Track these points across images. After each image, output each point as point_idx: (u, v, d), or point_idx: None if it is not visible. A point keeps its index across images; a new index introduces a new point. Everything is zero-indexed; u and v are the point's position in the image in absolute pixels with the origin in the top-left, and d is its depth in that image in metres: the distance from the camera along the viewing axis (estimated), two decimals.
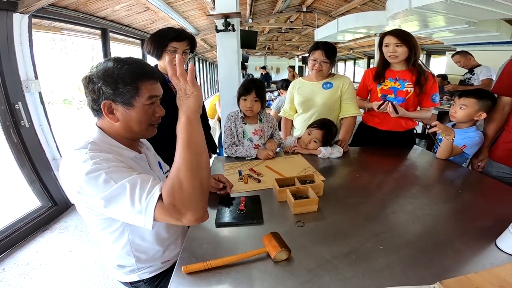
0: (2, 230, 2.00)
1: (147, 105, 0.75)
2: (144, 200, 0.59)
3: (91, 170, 0.63)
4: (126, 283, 0.93)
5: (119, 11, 3.02)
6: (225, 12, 1.98)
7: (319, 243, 0.76)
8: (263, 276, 0.65)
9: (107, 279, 1.71)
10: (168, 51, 1.32)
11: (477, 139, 1.36)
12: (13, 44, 2.01)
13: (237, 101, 1.51)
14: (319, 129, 1.51)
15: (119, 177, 0.63)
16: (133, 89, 0.72)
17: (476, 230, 0.82)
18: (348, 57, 10.50)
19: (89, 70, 0.74)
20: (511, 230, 0.72)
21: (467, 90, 1.45)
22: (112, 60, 0.73)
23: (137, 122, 0.76)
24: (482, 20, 2.68)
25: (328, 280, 0.63)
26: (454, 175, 1.30)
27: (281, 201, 1.01)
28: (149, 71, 0.75)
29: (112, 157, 0.69)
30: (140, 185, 0.61)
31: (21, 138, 2.16)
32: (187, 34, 1.37)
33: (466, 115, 1.37)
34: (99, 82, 0.70)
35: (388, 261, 0.68)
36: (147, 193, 0.60)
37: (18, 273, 1.77)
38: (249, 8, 4.66)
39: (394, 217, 0.90)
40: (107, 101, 0.72)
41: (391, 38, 1.50)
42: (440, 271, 0.65)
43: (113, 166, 0.65)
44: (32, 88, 2.17)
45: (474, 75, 3.16)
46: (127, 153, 0.79)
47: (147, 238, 0.85)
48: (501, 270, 0.64)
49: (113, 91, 0.71)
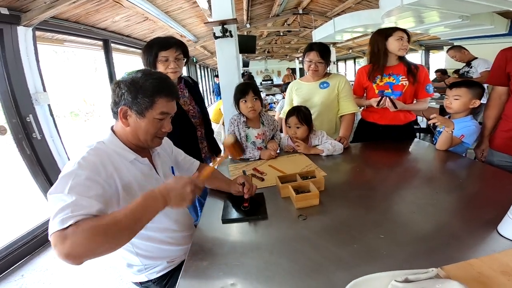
0: (21, 238, 2.07)
1: (157, 119, 0.82)
2: (59, 219, 0.59)
3: (70, 170, 0.68)
4: (137, 283, 0.97)
5: (119, 21, 3.11)
6: (222, 19, 2.04)
7: (322, 234, 0.79)
8: (268, 267, 0.68)
9: (122, 282, 1.75)
10: (160, 61, 1.32)
11: (474, 128, 1.39)
12: (20, 58, 2.08)
13: (237, 106, 1.56)
14: (291, 116, 1.56)
15: (75, 189, 0.65)
16: (149, 102, 0.79)
17: (478, 218, 0.83)
18: (348, 57, 10.54)
19: (121, 76, 0.83)
20: (510, 216, 0.72)
21: (456, 82, 1.49)
22: (141, 71, 0.83)
23: (144, 131, 0.82)
24: (474, 14, 2.70)
25: (332, 269, 0.65)
26: (454, 165, 1.32)
27: (284, 197, 1.04)
28: (168, 89, 0.83)
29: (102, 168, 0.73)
30: (72, 208, 0.61)
31: (33, 149, 2.23)
32: (174, 41, 1.35)
33: (462, 105, 1.40)
34: (124, 88, 0.79)
35: (389, 249, 0.70)
36: (68, 217, 0.60)
37: (37, 279, 1.83)
38: (246, 13, 4.74)
39: (395, 207, 0.93)
40: (124, 107, 0.79)
41: (403, 33, 1.56)
42: (442, 258, 0.65)
43: (84, 179, 0.67)
44: (41, 100, 2.23)
45: (472, 68, 3.18)
46: (128, 154, 0.84)
47: (151, 237, 0.89)
48: (503, 256, 0.64)
49: (132, 99, 0.79)
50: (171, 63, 1.33)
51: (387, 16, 2.85)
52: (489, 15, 2.86)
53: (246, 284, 0.64)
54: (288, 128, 1.59)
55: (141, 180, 0.85)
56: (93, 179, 0.70)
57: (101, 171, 0.73)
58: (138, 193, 0.81)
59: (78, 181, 0.67)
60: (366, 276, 0.57)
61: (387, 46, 1.60)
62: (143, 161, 0.88)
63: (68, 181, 0.66)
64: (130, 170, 0.83)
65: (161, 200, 0.68)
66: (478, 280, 0.57)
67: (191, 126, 1.50)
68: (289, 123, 1.58)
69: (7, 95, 2.06)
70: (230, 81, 2.23)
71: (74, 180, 0.66)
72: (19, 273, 1.88)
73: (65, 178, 0.67)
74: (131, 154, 0.85)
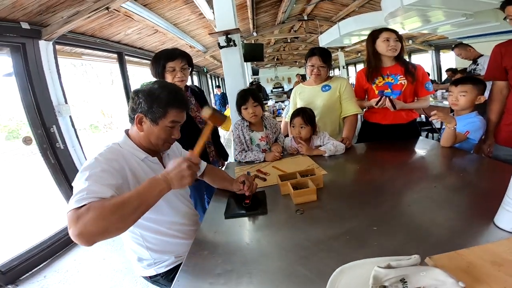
0: (44, 241, 2.21)
1: (168, 127, 0.92)
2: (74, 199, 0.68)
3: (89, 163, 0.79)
4: (146, 277, 1.04)
5: (131, 34, 3.30)
6: (225, 30, 2.14)
7: (317, 226, 0.83)
8: (263, 255, 0.73)
9: (136, 283, 1.83)
10: (168, 71, 1.43)
11: (479, 123, 1.38)
12: (43, 71, 2.26)
13: (239, 112, 1.64)
14: (297, 116, 1.60)
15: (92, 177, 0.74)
16: (162, 112, 0.89)
17: (475, 210, 0.83)
18: (357, 60, 10.46)
19: (140, 85, 0.94)
20: (504, 207, 0.72)
21: (459, 78, 1.48)
22: (158, 83, 0.94)
23: (156, 137, 0.92)
24: (477, 11, 2.66)
25: (322, 256, 0.69)
26: (456, 160, 1.31)
27: (284, 194, 1.09)
28: (180, 102, 0.93)
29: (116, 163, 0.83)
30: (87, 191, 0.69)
31: (57, 159, 2.38)
32: (178, 52, 1.46)
33: (468, 101, 1.39)
34: (142, 98, 0.89)
35: (380, 240, 0.73)
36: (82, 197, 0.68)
37: (58, 280, 1.93)
38: (251, 22, 4.87)
39: (391, 201, 0.94)
40: (141, 114, 0.90)
41: (392, 34, 1.58)
42: (433, 248, 0.65)
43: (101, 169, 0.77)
44: (63, 112, 2.41)
45: (479, 65, 3.13)
46: (140, 153, 0.94)
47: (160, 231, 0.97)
48: (496, 246, 0.63)
49: (148, 108, 0.88)
50: (178, 73, 1.44)
51: (391, 17, 2.87)
52: (494, 12, 2.80)
53: (242, 270, 0.69)
54: (293, 128, 1.64)
55: (151, 175, 0.90)
56: (107, 170, 0.79)
57: (115, 164, 0.82)
58: None
59: (94, 171, 0.76)
60: (351, 263, 0.60)
61: (377, 48, 1.63)
62: (153, 160, 0.97)
63: (86, 172, 0.75)
64: (141, 166, 0.93)
65: (164, 182, 0.74)
66: (466, 270, 0.57)
67: (199, 131, 1.58)
68: (294, 123, 1.63)
69: (32, 107, 2.22)
70: (236, 88, 2.31)
71: (91, 171, 0.76)
72: (42, 274, 1.99)
73: (84, 170, 0.77)
74: (142, 153, 0.94)
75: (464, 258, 0.60)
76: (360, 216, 0.86)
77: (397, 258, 0.57)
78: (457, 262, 0.59)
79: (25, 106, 2.22)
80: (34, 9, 2.01)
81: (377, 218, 0.83)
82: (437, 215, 0.82)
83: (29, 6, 1.95)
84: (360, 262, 0.60)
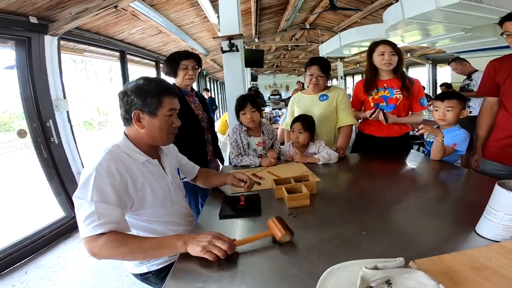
0: (28, 237, 2.16)
1: (167, 116, 0.93)
2: (90, 226, 0.75)
3: (89, 174, 0.80)
4: (136, 275, 1.05)
5: (135, 34, 3.34)
6: (229, 34, 2.20)
7: (308, 229, 0.86)
8: (255, 254, 0.76)
9: (122, 282, 1.81)
10: (181, 69, 1.58)
11: (464, 135, 1.44)
12: (45, 66, 2.27)
13: (237, 117, 1.68)
14: (297, 122, 1.65)
15: (96, 195, 0.78)
16: (157, 102, 0.90)
17: (458, 219, 0.88)
18: (356, 71, 10.63)
19: (124, 87, 0.94)
20: (486, 216, 0.76)
21: (443, 93, 1.53)
22: (142, 78, 0.94)
23: (159, 129, 0.93)
24: (476, 26, 2.73)
25: (313, 258, 0.72)
26: (444, 173, 1.36)
27: (278, 198, 1.11)
28: (170, 88, 0.95)
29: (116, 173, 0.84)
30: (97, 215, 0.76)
31: (51, 153, 2.36)
32: (193, 53, 1.65)
33: (455, 116, 1.45)
34: (132, 95, 0.89)
35: (369, 244, 0.76)
36: (97, 224, 0.75)
37: (40, 276, 1.89)
38: (254, 28, 4.95)
39: (380, 208, 0.98)
40: (137, 111, 0.89)
41: (387, 47, 1.61)
42: (417, 253, 0.68)
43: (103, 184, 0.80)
44: (61, 107, 2.41)
45: (473, 81, 3.19)
46: (140, 156, 0.94)
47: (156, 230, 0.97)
48: (475, 252, 0.67)
49: (142, 102, 0.89)
50: (190, 71, 1.59)
51: (392, 30, 2.94)
52: (492, 27, 2.86)
53: (235, 269, 0.71)
54: (292, 133, 1.68)
55: (152, 180, 0.95)
56: (110, 184, 0.81)
57: (116, 176, 0.83)
58: (148, 192, 0.92)
59: (97, 186, 0.79)
60: (340, 264, 0.63)
61: (373, 61, 1.68)
62: (153, 162, 0.98)
63: (89, 187, 0.78)
64: (142, 171, 0.93)
65: (183, 246, 0.76)
66: (447, 274, 0.60)
67: (201, 129, 1.69)
68: (293, 128, 1.67)
69: (30, 101, 2.22)
70: (235, 93, 2.36)
71: (94, 185, 0.78)
72: (24, 270, 1.94)
73: (86, 182, 0.79)
74: (142, 156, 0.94)
75: (445, 262, 0.63)
76: (351, 222, 0.89)
77: (383, 260, 0.60)
78: (438, 266, 0.62)
79: (23, 99, 2.22)
80: (44, 4, 2.03)
81: (367, 224, 0.87)
82: (423, 222, 0.87)
83: (39, 1, 1.98)
84: (348, 264, 0.63)
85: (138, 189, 0.90)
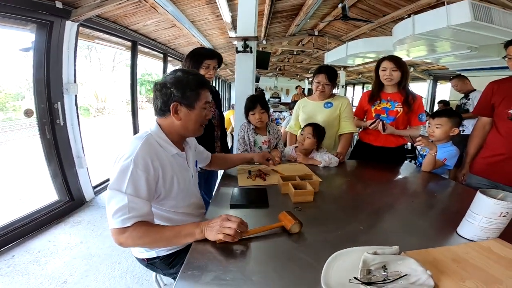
0: (18, 220, 2.11)
1: (203, 109, 0.97)
2: (120, 218, 0.81)
3: (126, 166, 0.83)
4: (142, 259, 1.07)
5: (149, 26, 3.37)
6: (245, 36, 2.28)
7: (313, 222, 0.96)
8: (265, 242, 0.84)
9: (114, 269, 1.79)
10: (203, 67, 1.59)
11: (454, 152, 1.55)
12: (62, 50, 2.31)
13: (246, 116, 1.77)
14: (309, 126, 1.73)
15: (130, 188, 0.83)
16: (195, 94, 0.94)
17: (443, 222, 1.00)
18: (357, 81, 10.73)
19: (162, 78, 0.97)
20: (467, 219, 0.88)
21: (437, 111, 1.64)
22: (180, 71, 0.97)
23: (194, 121, 0.97)
24: (482, 45, 2.78)
25: (318, 246, 0.82)
26: (433, 183, 1.47)
27: (284, 193, 1.21)
28: (206, 82, 1.00)
29: (151, 167, 0.87)
30: (129, 208, 0.81)
31: (54, 135, 2.39)
32: (217, 53, 1.66)
33: (443, 133, 1.55)
34: (172, 87, 0.92)
35: (366, 237, 0.87)
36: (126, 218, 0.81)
37: (28, 260, 1.84)
38: (264, 30, 5.03)
39: (376, 209, 1.10)
40: (176, 103, 0.92)
41: (389, 63, 1.72)
42: (407, 246, 0.78)
43: (138, 178, 0.84)
44: (71, 90, 2.46)
45: (469, 100, 3.26)
46: (171, 149, 0.97)
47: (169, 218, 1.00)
48: (456, 248, 0.79)
49: (181, 94, 0.92)
50: (211, 70, 1.61)
51: (399, 44, 3.01)
52: (497, 47, 2.88)
53: (247, 250, 0.79)
54: (301, 135, 1.76)
55: (178, 172, 0.99)
56: (145, 178, 0.85)
57: (151, 170, 0.87)
58: (175, 185, 0.97)
59: (133, 180, 0.83)
60: (344, 250, 0.73)
61: (379, 75, 1.79)
62: (181, 155, 1.02)
63: (125, 179, 0.82)
64: (171, 164, 0.96)
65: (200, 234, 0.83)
66: (432, 264, 0.71)
67: (211, 125, 1.74)
68: (303, 131, 1.75)
69: (42, 82, 2.26)
70: (244, 93, 2.44)
71: (130, 178, 0.82)
72: (11, 254, 1.89)
73: (123, 174, 0.83)
74: (173, 149, 0.97)
75: (431, 254, 0.75)
76: (350, 218, 1.00)
77: (381, 247, 0.71)
78: (425, 257, 0.73)
79: (34, 81, 2.25)
80: None
81: (364, 221, 0.98)
82: (413, 223, 0.98)
83: None
84: (352, 249, 0.73)
85: (167, 181, 0.93)
